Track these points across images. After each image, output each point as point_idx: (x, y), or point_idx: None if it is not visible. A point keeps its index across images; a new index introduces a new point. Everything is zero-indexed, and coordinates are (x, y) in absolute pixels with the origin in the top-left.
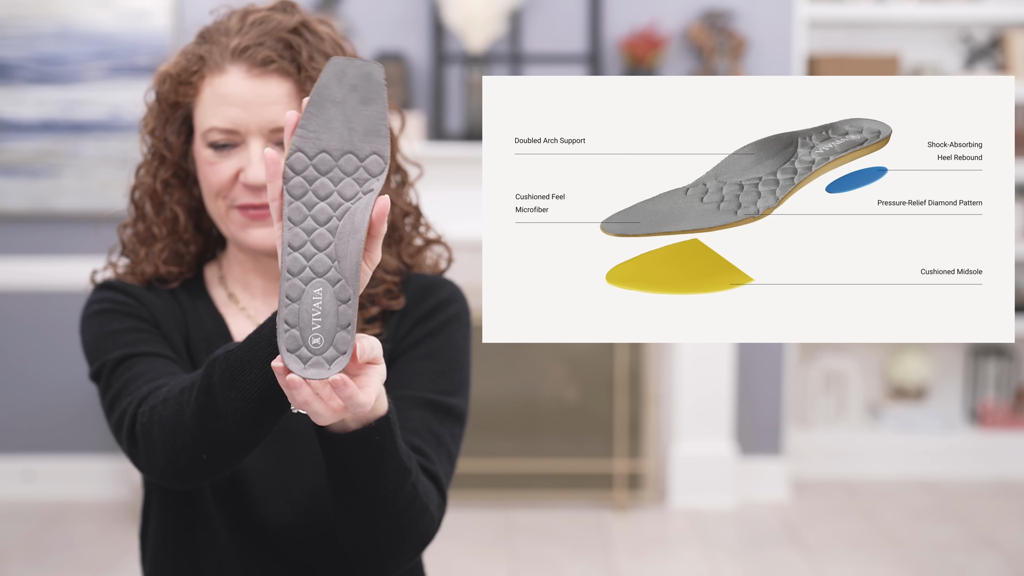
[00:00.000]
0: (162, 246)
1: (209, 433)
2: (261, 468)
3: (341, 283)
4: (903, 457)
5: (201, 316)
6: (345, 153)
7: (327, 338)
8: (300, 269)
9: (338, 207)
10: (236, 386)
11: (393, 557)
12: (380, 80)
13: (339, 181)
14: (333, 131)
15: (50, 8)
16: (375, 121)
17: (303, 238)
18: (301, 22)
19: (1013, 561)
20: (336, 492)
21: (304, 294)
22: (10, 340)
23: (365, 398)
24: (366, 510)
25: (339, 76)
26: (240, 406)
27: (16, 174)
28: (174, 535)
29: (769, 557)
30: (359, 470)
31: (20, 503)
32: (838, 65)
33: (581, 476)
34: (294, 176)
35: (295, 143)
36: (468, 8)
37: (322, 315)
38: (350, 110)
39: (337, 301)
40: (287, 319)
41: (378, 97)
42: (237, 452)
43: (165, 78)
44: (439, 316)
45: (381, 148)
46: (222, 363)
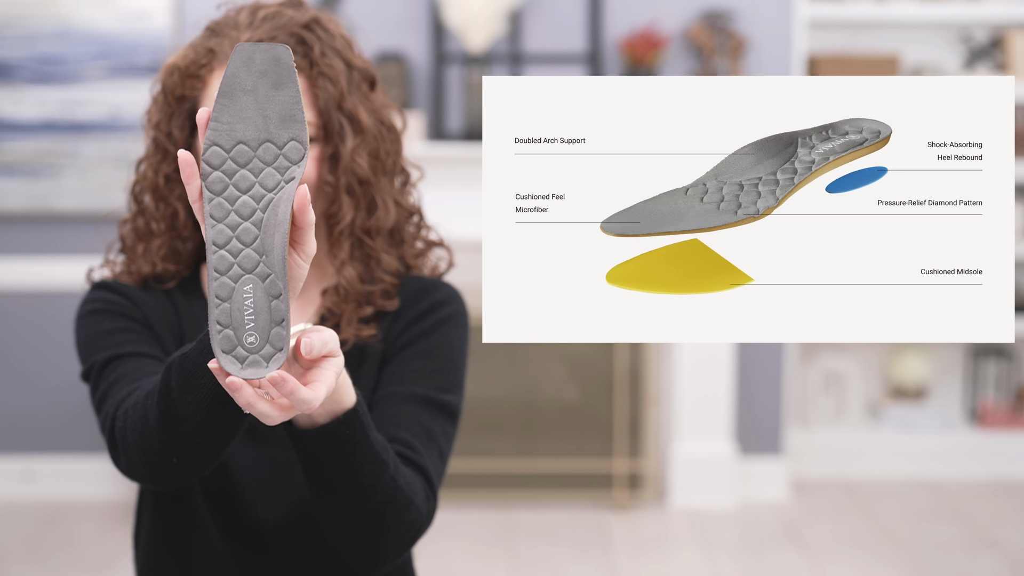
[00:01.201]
0: (160, 242)
1: (175, 437)
2: (252, 469)
3: (271, 278)
4: (903, 457)
5: (196, 316)
6: (263, 142)
7: (262, 336)
8: (228, 267)
9: (261, 199)
10: (192, 389)
11: (379, 552)
12: (289, 63)
13: (260, 172)
14: (248, 120)
15: (50, 8)
16: (289, 106)
17: (228, 235)
18: (313, 18)
19: (1013, 561)
20: (313, 489)
21: (234, 292)
22: (10, 340)
23: (310, 394)
24: (344, 506)
25: (247, 63)
26: (198, 409)
27: (16, 174)
28: (165, 536)
29: (769, 557)
30: (332, 466)
31: (20, 503)
32: (838, 65)
33: (581, 476)
34: (212, 171)
35: (209, 137)
36: (468, 8)
37: (255, 312)
38: (262, 97)
39: (268, 297)
40: (219, 320)
41: (289, 80)
42: (206, 454)
43: (173, 70)
44: (433, 316)
45: (299, 133)
46: (177, 367)
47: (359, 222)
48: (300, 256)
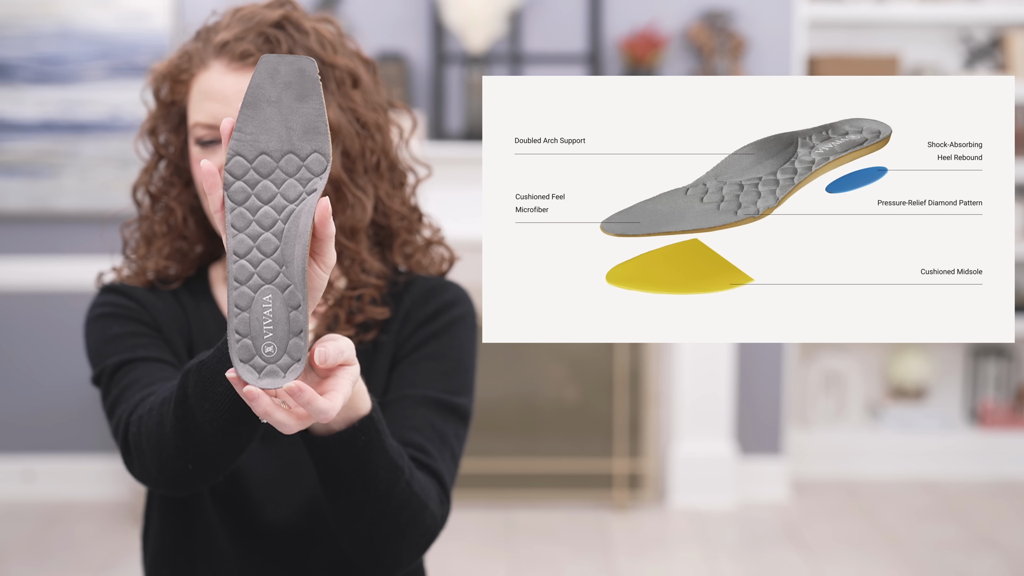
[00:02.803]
0: (163, 243)
1: (190, 444)
2: (261, 471)
3: (290, 288)
4: (903, 457)
5: (205, 318)
6: (286, 154)
7: (280, 346)
8: (248, 277)
9: (282, 210)
10: (209, 397)
11: (394, 557)
12: (314, 75)
13: (281, 183)
14: (271, 132)
15: (50, 8)
16: (313, 118)
17: (248, 244)
18: (283, 16)
19: (1013, 561)
20: (328, 495)
21: (254, 302)
22: (10, 340)
23: (327, 404)
24: (360, 511)
25: (272, 74)
26: (215, 416)
27: (16, 174)
28: (173, 538)
29: (769, 557)
30: (347, 472)
31: (20, 503)
32: (838, 65)
33: (581, 476)
34: (235, 181)
35: (232, 147)
36: (468, 8)
37: (273, 323)
38: (286, 108)
39: (287, 307)
40: (238, 329)
41: (314, 93)
42: (221, 461)
43: (159, 77)
44: (443, 318)
45: (322, 146)
46: (194, 374)
47: (338, 222)
48: (320, 267)
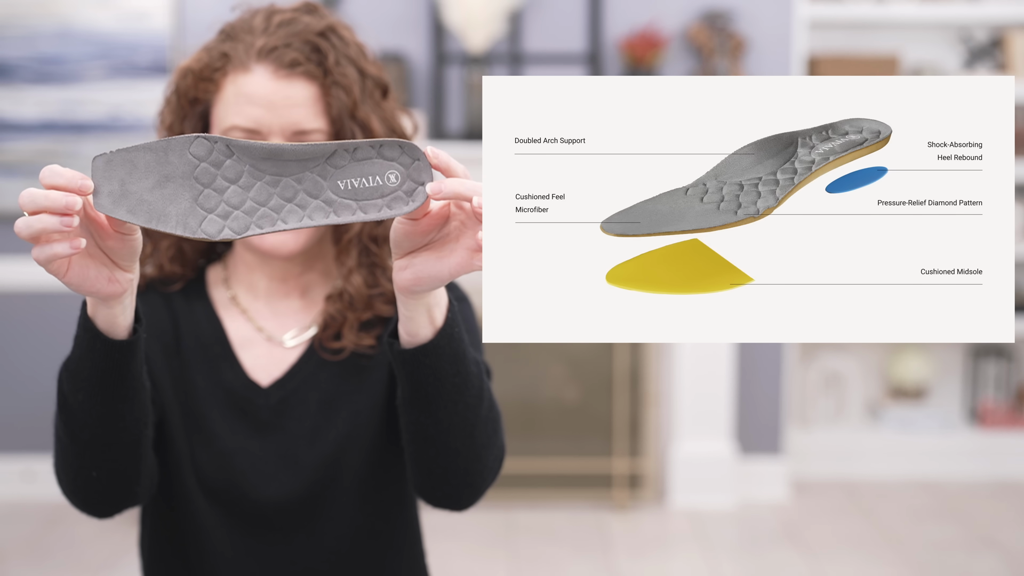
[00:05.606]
0: (169, 243)
1: (77, 437)
2: (255, 464)
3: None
4: (903, 457)
5: (199, 320)
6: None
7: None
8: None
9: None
10: (77, 381)
11: (481, 475)
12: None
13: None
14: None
15: (50, 8)
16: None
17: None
18: (329, 26)
19: (1013, 561)
20: (431, 410)
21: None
22: (10, 340)
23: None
24: (462, 419)
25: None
26: (86, 382)
27: (16, 174)
28: (167, 541)
29: (769, 557)
30: (451, 374)
31: (20, 503)
32: (838, 65)
33: (581, 476)
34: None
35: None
36: (468, 8)
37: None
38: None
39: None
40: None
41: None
42: (113, 455)
43: (186, 73)
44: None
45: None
46: (63, 374)
47: (367, 230)
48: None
